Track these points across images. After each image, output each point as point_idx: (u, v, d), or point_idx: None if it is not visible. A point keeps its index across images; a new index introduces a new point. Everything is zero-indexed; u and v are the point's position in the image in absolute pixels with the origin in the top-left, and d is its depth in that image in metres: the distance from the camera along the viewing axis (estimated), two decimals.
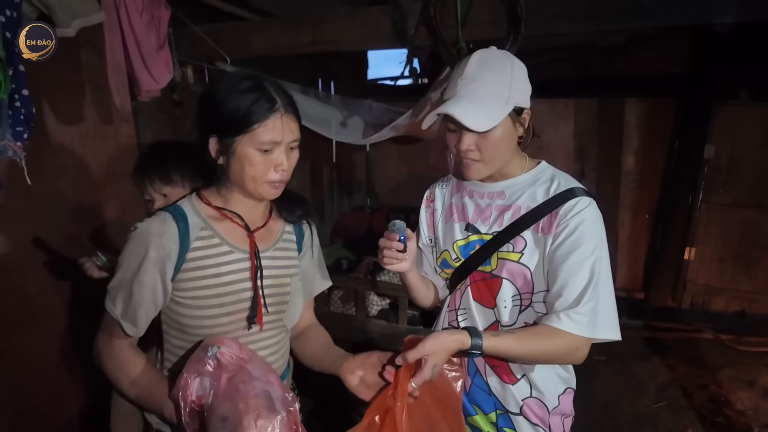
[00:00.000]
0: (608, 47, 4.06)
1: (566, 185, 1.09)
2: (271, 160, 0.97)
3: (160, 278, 0.97)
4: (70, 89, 2.19)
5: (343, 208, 5.13)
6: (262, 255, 1.07)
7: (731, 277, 3.97)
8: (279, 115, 0.95)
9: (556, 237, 1.05)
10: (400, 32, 2.28)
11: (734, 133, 3.77)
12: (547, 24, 2.08)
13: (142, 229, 0.98)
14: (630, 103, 4.17)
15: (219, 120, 0.96)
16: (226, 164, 0.99)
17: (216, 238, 1.02)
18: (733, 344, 3.51)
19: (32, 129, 1.49)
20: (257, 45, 2.55)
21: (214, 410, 0.88)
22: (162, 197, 1.35)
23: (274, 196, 1.04)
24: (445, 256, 1.22)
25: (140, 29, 2.04)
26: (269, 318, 1.08)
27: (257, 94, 0.95)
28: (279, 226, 1.15)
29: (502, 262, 1.11)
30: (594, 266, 1.01)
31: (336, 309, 3.05)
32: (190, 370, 0.91)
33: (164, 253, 0.96)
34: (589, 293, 1.00)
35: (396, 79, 5.20)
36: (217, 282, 1.00)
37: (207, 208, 1.05)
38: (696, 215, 3.96)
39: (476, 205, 1.19)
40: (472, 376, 1.20)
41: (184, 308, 1.00)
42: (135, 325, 0.99)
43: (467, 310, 1.19)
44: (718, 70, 3.73)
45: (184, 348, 1.04)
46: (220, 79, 1.00)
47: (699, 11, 1.84)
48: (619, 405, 2.86)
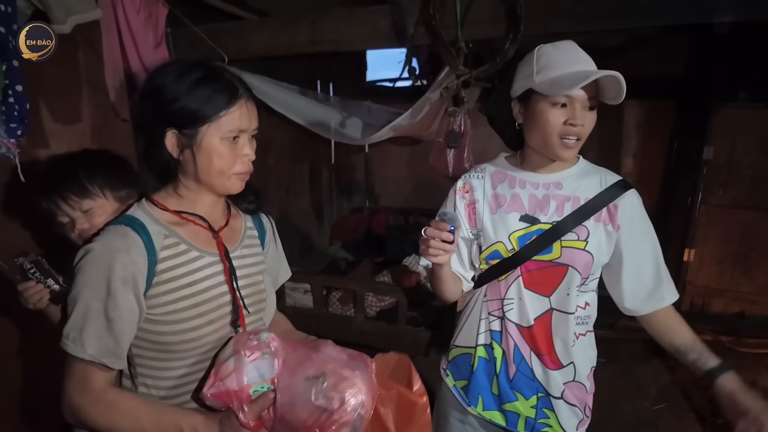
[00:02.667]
0: (607, 48, 4.05)
1: (612, 178, 1.20)
2: (238, 150, 0.93)
3: (134, 298, 0.88)
4: (67, 88, 2.17)
5: (342, 210, 5.13)
6: (232, 255, 1.01)
7: (731, 279, 3.96)
8: (243, 101, 0.92)
9: (625, 231, 1.16)
10: (399, 32, 2.27)
11: (733, 134, 3.76)
12: (547, 24, 2.07)
13: (102, 248, 0.88)
14: (629, 105, 4.19)
15: (177, 111, 0.88)
16: (191, 159, 0.92)
17: (183, 244, 0.95)
18: (733, 346, 3.49)
19: (26, 126, 1.47)
20: (256, 45, 2.54)
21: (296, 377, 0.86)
22: (83, 215, 1.16)
23: (240, 189, 0.99)
24: (498, 248, 1.20)
25: (137, 27, 2.03)
26: (251, 318, 1.05)
27: (217, 80, 0.90)
28: (240, 222, 1.10)
29: (569, 251, 1.14)
30: (657, 245, 1.19)
31: (335, 310, 3.03)
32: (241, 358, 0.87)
33: (134, 269, 0.87)
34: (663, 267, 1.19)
35: (395, 80, 5.19)
36: (194, 290, 0.93)
37: (164, 213, 0.96)
38: (695, 217, 3.95)
39: (531, 195, 1.20)
40: (518, 364, 1.21)
41: (162, 325, 0.91)
42: (119, 357, 0.89)
43: (516, 300, 1.20)
44: (717, 71, 3.72)
45: (165, 368, 0.95)
46: (164, 70, 0.91)
47: (698, 11, 1.83)
48: (620, 407, 2.84)
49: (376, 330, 2.82)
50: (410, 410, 0.98)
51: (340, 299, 3.05)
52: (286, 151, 4.06)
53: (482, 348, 1.26)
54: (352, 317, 2.89)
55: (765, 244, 3.82)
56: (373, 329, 2.83)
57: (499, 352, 1.23)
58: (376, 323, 2.87)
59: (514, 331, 1.20)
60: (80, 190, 1.14)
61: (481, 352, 1.26)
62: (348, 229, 4.67)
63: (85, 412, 0.88)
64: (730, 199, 3.87)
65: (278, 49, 2.53)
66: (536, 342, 1.18)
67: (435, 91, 2.52)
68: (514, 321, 1.20)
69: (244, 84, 0.95)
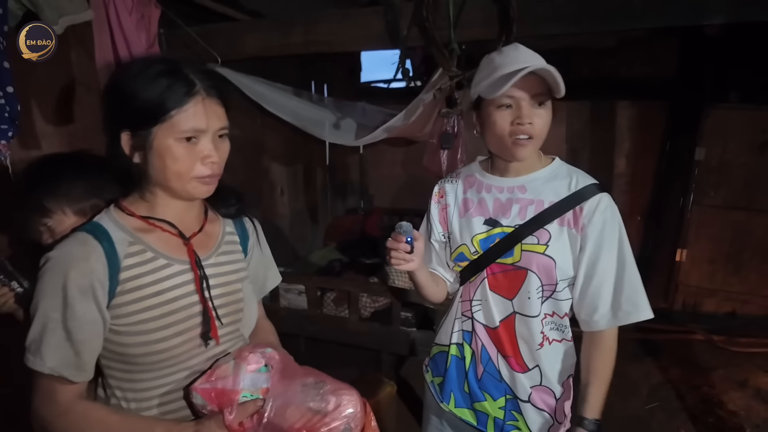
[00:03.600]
0: (600, 50, 4.09)
1: (584, 181, 1.15)
2: (197, 151, 0.85)
3: (96, 307, 0.83)
4: (59, 89, 2.17)
5: (337, 211, 5.13)
6: (205, 263, 0.95)
7: (722, 279, 3.99)
8: (200, 98, 0.84)
9: (584, 236, 1.11)
10: (393, 33, 2.28)
11: (724, 135, 3.80)
12: (539, 26, 2.08)
13: (59, 255, 0.83)
14: (621, 106, 4.21)
15: (130, 110, 0.83)
16: (144, 162, 0.86)
17: (149, 251, 0.89)
18: (724, 345, 3.52)
19: (17, 127, 1.47)
20: (249, 46, 2.54)
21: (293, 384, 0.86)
22: (47, 228, 1.07)
23: (206, 194, 0.91)
24: (462, 250, 1.23)
25: (129, 28, 2.02)
26: (225, 330, 0.98)
27: (172, 76, 0.83)
28: (218, 228, 1.03)
29: (528, 254, 1.14)
30: (621, 259, 1.11)
31: (329, 311, 3.03)
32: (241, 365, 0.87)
33: (93, 278, 0.82)
34: (621, 285, 1.11)
35: (389, 81, 5.19)
36: (160, 300, 0.88)
37: (131, 219, 0.91)
38: (687, 217, 3.98)
39: (495, 199, 1.21)
40: (485, 364, 1.23)
41: (126, 337, 0.86)
42: (82, 369, 0.84)
43: (482, 301, 1.21)
44: (708, 73, 3.76)
45: (133, 380, 0.91)
46: (123, 68, 0.87)
47: (688, 13, 1.85)
48: (612, 407, 2.80)
49: (370, 331, 2.82)
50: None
51: (334, 300, 3.05)
52: (280, 152, 4.05)
53: (455, 347, 1.29)
54: (347, 318, 2.89)
55: (756, 244, 3.86)
56: (367, 330, 2.83)
57: (469, 351, 1.26)
58: (370, 324, 2.87)
59: (481, 332, 1.22)
60: (37, 209, 1.05)
61: (454, 350, 1.29)
62: (342, 230, 4.67)
63: (53, 426, 0.85)
64: (722, 199, 3.91)
65: (272, 50, 2.53)
66: (502, 343, 1.19)
67: (428, 93, 2.52)
68: (482, 322, 1.22)
69: (209, 80, 0.88)
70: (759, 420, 2.72)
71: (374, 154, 5.04)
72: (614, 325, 1.12)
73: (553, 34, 2.20)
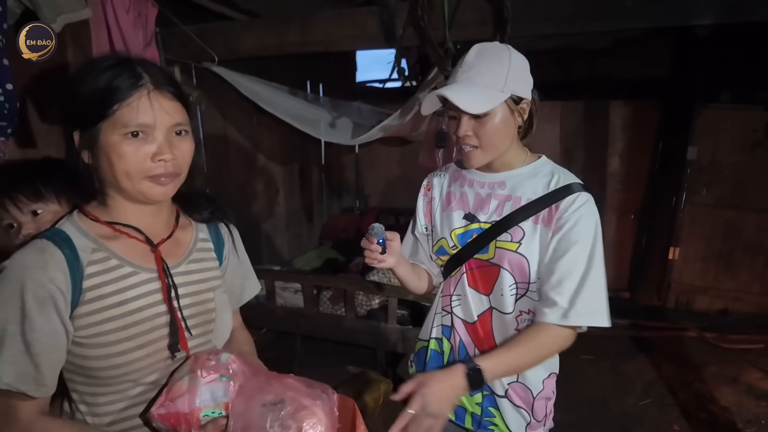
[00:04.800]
0: (594, 51, 4.13)
1: (566, 180, 1.13)
2: (146, 149, 0.80)
3: (57, 318, 0.78)
4: (55, 88, 2.16)
5: (332, 210, 5.14)
6: (174, 271, 0.90)
7: (714, 277, 4.04)
8: (145, 91, 0.79)
9: (556, 231, 1.09)
10: (388, 33, 2.30)
11: (716, 134, 3.85)
12: (533, 26, 2.11)
13: (15, 264, 0.78)
14: (615, 106, 4.25)
15: (77, 107, 0.80)
16: (95, 162, 0.82)
17: (113, 259, 0.84)
18: (716, 342, 3.55)
19: (16, 124, 1.47)
20: (245, 45, 2.55)
21: (253, 403, 0.81)
22: (32, 217, 1.05)
23: (163, 196, 0.85)
24: (442, 244, 1.24)
25: (127, 27, 2.02)
26: (195, 342, 0.92)
27: (118, 70, 0.79)
28: (189, 235, 0.98)
29: (501, 251, 1.13)
30: (589, 260, 1.06)
31: (325, 309, 3.04)
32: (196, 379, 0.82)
33: (52, 287, 0.77)
34: (582, 286, 1.05)
35: (384, 81, 5.22)
36: (123, 311, 0.83)
37: (95, 225, 0.86)
38: (680, 216, 4.03)
39: (476, 194, 1.21)
40: (463, 359, 1.22)
41: (87, 349, 0.81)
42: (41, 384, 0.78)
43: (461, 297, 1.22)
44: (700, 73, 3.81)
45: (98, 394, 0.85)
46: (81, 65, 0.84)
47: (681, 13, 1.88)
48: (607, 403, 2.89)
49: (366, 329, 2.83)
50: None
51: (330, 298, 3.06)
52: (276, 151, 4.06)
53: (434, 341, 1.29)
54: (343, 316, 2.90)
55: (747, 242, 3.91)
56: (363, 328, 2.84)
57: (448, 346, 1.26)
58: (366, 322, 2.88)
59: (460, 327, 1.23)
60: (32, 193, 1.04)
61: (434, 344, 1.29)
62: (338, 230, 4.68)
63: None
64: (713, 198, 3.96)
65: (268, 50, 2.54)
66: (480, 338, 1.19)
67: (424, 92, 2.55)
68: (460, 317, 1.23)
69: (160, 75, 0.83)
70: (750, 416, 2.76)
71: (370, 153, 5.06)
72: (563, 323, 1.05)
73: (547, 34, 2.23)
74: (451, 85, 1.10)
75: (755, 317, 3.88)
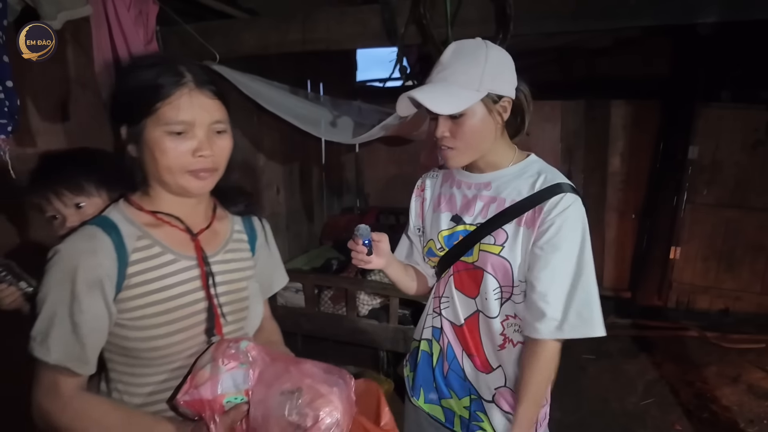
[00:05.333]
0: (594, 50, 4.12)
1: (552, 180, 1.08)
2: (187, 145, 0.84)
3: (103, 302, 0.83)
4: (54, 86, 2.15)
5: (333, 210, 5.13)
6: (212, 260, 0.96)
7: (715, 276, 4.04)
8: (186, 90, 0.83)
9: (539, 235, 1.05)
10: (390, 31, 2.28)
11: (717, 134, 3.85)
12: (535, 23, 2.10)
13: (67, 249, 0.83)
14: (616, 105, 4.24)
15: (122, 105, 0.85)
16: (139, 155, 0.87)
17: (156, 246, 0.89)
18: (717, 342, 3.56)
19: (17, 122, 1.46)
20: (246, 43, 2.54)
21: (272, 391, 0.84)
22: (75, 210, 1.13)
23: (202, 190, 0.90)
24: (431, 246, 1.23)
25: (128, 24, 2.01)
26: (229, 328, 0.98)
27: (160, 68, 0.84)
28: (226, 226, 1.03)
29: (484, 254, 1.12)
30: (577, 268, 1.03)
31: (326, 309, 3.03)
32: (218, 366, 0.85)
33: (101, 272, 0.83)
34: (572, 295, 1.03)
35: (385, 81, 5.21)
36: (165, 296, 0.88)
37: (140, 213, 0.91)
38: (680, 215, 4.02)
39: (463, 195, 1.20)
40: (450, 361, 1.22)
41: (130, 331, 0.86)
42: (85, 362, 0.84)
43: (450, 299, 1.21)
44: (701, 72, 3.81)
45: (136, 374, 0.91)
46: (126, 62, 0.93)
47: (684, 11, 1.87)
48: (608, 403, 2.88)
49: (367, 328, 2.83)
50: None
51: (331, 298, 3.06)
52: (276, 150, 4.05)
53: (425, 342, 1.29)
54: (344, 316, 2.90)
55: (748, 242, 3.91)
56: (364, 328, 2.84)
57: (437, 348, 1.25)
58: (367, 322, 2.88)
59: (448, 329, 1.22)
60: (75, 187, 1.11)
61: (424, 345, 1.29)
62: (338, 229, 4.67)
63: (55, 417, 0.84)
64: (714, 197, 3.95)
65: (269, 48, 2.53)
66: (467, 341, 1.18)
67: None
68: (449, 319, 1.22)
69: (201, 74, 0.87)
70: (752, 415, 2.76)
71: (370, 153, 5.05)
72: (557, 337, 1.03)
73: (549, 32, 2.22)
74: (424, 86, 1.08)
75: (756, 317, 3.88)
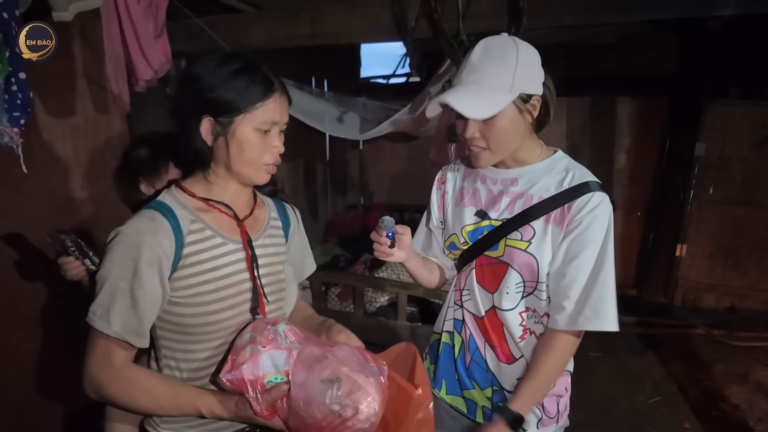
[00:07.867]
0: (600, 46, 4.10)
1: (581, 178, 1.09)
2: (268, 141, 0.96)
3: (159, 279, 0.91)
4: (61, 81, 2.13)
5: (337, 207, 5.12)
6: (254, 244, 1.04)
7: (722, 274, 4.03)
8: (278, 94, 0.95)
9: (568, 233, 1.06)
10: (400, 25, 2.27)
11: (724, 131, 3.83)
12: (549, 17, 2.08)
13: (130, 230, 0.91)
14: (622, 102, 4.23)
15: (214, 99, 0.92)
16: (224, 147, 0.95)
17: (208, 230, 0.98)
18: (724, 339, 3.55)
19: (29, 115, 1.44)
20: (255, 37, 2.52)
21: (312, 376, 0.87)
22: None
23: (267, 180, 1.01)
24: (453, 239, 1.23)
25: (138, 17, 2.00)
26: (270, 307, 1.06)
27: (254, 73, 0.94)
28: (264, 213, 1.12)
29: (510, 250, 1.12)
30: (597, 264, 1.06)
31: (334, 306, 3.02)
32: (257, 347, 0.89)
33: (160, 251, 0.90)
34: (591, 290, 1.05)
35: (389, 77, 5.19)
36: (216, 276, 0.96)
37: (191, 199, 0.99)
38: (687, 213, 4.01)
39: (489, 190, 1.19)
40: (472, 353, 1.23)
41: (184, 307, 0.94)
42: (142, 335, 0.92)
43: (471, 292, 1.21)
44: (708, 68, 3.79)
45: (186, 350, 0.98)
46: (203, 59, 0.96)
47: (700, 3, 1.86)
48: (616, 401, 2.87)
49: (375, 326, 2.81)
50: (405, 404, 0.94)
51: (339, 295, 3.04)
52: None
53: (446, 334, 1.29)
54: (351, 313, 2.88)
55: (755, 239, 3.90)
56: (372, 325, 2.82)
57: (459, 340, 1.26)
58: (375, 319, 2.86)
59: (470, 321, 1.22)
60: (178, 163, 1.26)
61: (446, 338, 1.29)
62: (343, 226, 4.66)
63: (106, 387, 0.90)
64: (721, 194, 3.94)
65: (277, 42, 2.51)
66: (489, 333, 1.19)
67: (436, 85, 2.52)
68: (471, 311, 1.22)
69: (279, 78, 0.98)
70: (761, 413, 2.75)
71: (374, 149, 5.04)
72: (572, 329, 1.07)
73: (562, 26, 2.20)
74: (455, 90, 1.07)
75: (763, 314, 3.87)
